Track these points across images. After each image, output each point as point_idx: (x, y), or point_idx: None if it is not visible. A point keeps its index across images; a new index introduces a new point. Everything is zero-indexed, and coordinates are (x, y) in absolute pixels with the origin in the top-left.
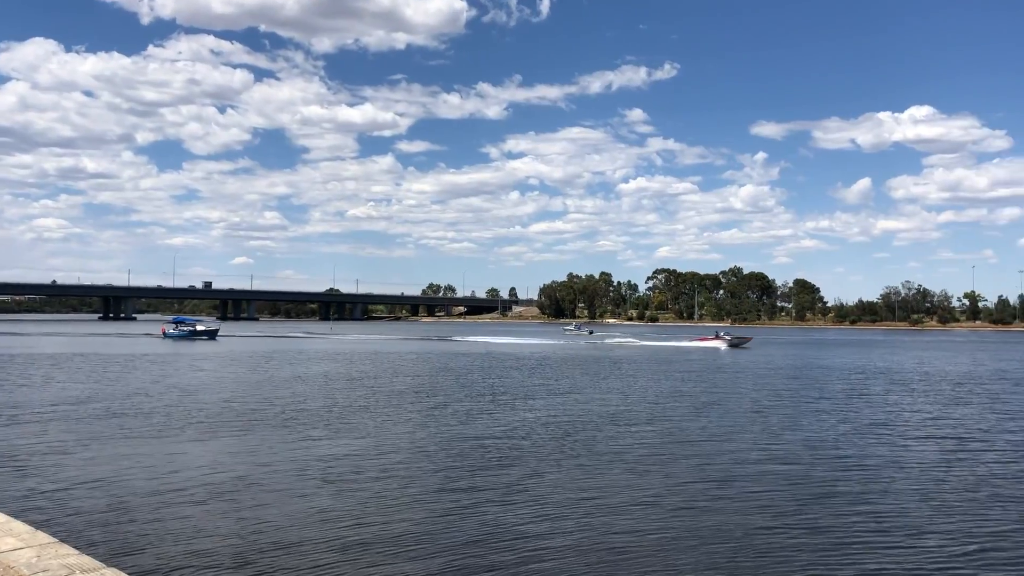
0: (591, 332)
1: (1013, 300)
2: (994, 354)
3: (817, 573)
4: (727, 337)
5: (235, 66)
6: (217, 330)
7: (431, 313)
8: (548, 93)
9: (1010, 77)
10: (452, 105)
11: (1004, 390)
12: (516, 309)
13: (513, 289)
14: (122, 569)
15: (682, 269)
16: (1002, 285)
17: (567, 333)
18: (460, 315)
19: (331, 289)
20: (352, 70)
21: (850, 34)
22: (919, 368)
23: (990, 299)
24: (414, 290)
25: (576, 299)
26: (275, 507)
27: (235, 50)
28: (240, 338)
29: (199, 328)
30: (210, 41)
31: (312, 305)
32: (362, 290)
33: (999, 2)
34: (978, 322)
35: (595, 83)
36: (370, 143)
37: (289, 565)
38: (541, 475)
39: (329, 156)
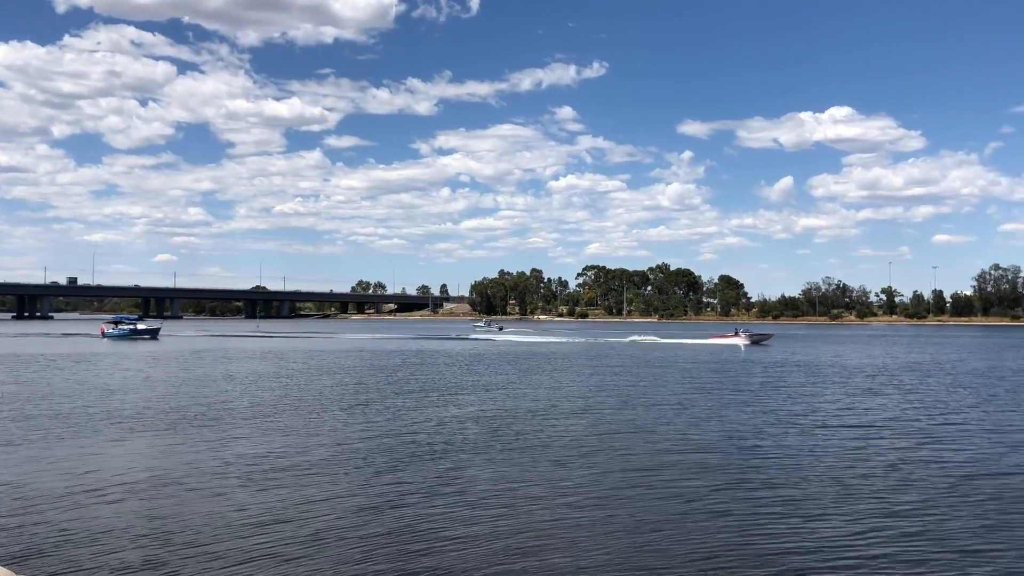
0: (500, 328)
1: (927, 295)
2: (906, 347)
3: (723, 555)
4: (746, 335)
5: (157, 58)
6: (159, 329)
7: (361, 311)
8: (478, 90)
9: (925, 79)
10: (381, 100)
11: (916, 381)
12: (447, 306)
13: (444, 286)
14: (25, 572)
15: (611, 266)
16: (917, 281)
17: (477, 330)
18: (391, 313)
19: (258, 287)
20: (279, 64)
21: (773, 35)
22: (843, 361)
23: (906, 294)
24: (343, 288)
25: (507, 296)
26: (192, 506)
27: (157, 42)
28: (185, 337)
29: (140, 327)
30: (131, 32)
31: (238, 303)
32: (290, 287)
33: (914, 6)
34: (894, 316)
35: (525, 80)
36: (298, 138)
37: (201, 566)
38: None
39: (255, 151)
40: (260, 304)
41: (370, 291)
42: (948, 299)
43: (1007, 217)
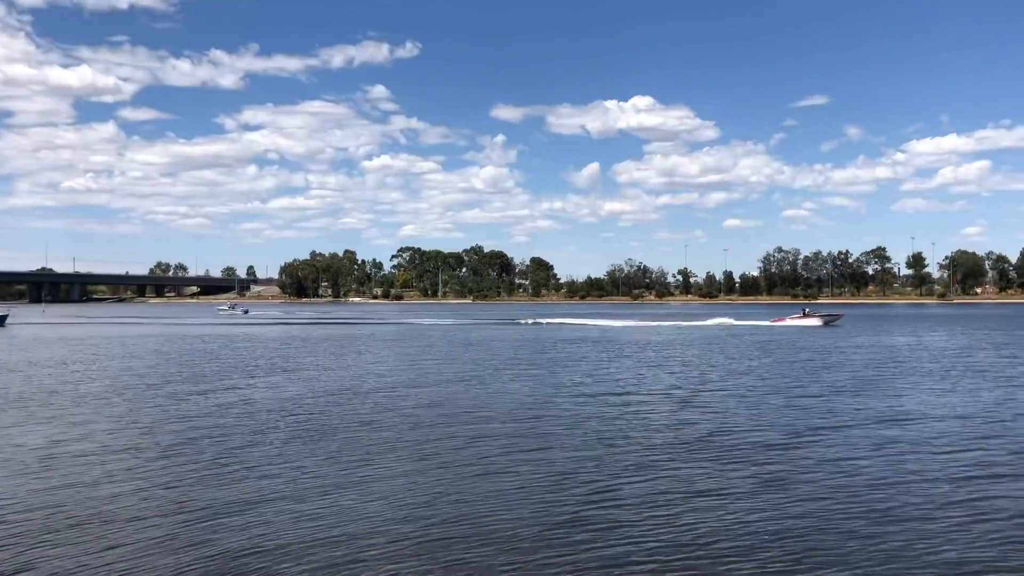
0: (246, 312)
1: (719, 276)
2: (700, 320)
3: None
4: (817, 315)
5: None
6: (6, 316)
7: (160, 294)
8: (288, 64)
9: (719, 72)
10: (182, 72)
11: (690, 354)
12: (255, 289)
13: (252, 268)
14: None
15: (427, 248)
16: (710, 262)
17: (220, 314)
18: (193, 296)
19: (43, 268)
20: (65, 28)
21: (582, 23)
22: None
23: (700, 275)
24: (140, 269)
25: (320, 278)
26: None
27: None
28: (42, 325)
29: None
30: None
31: (20, 286)
32: (80, 269)
33: (711, 2)
34: (689, 296)
35: (337, 57)
36: (88, 109)
37: None
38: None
39: (40, 121)
40: (46, 287)
41: (170, 273)
42: (737, 279)
43: (789, 204)
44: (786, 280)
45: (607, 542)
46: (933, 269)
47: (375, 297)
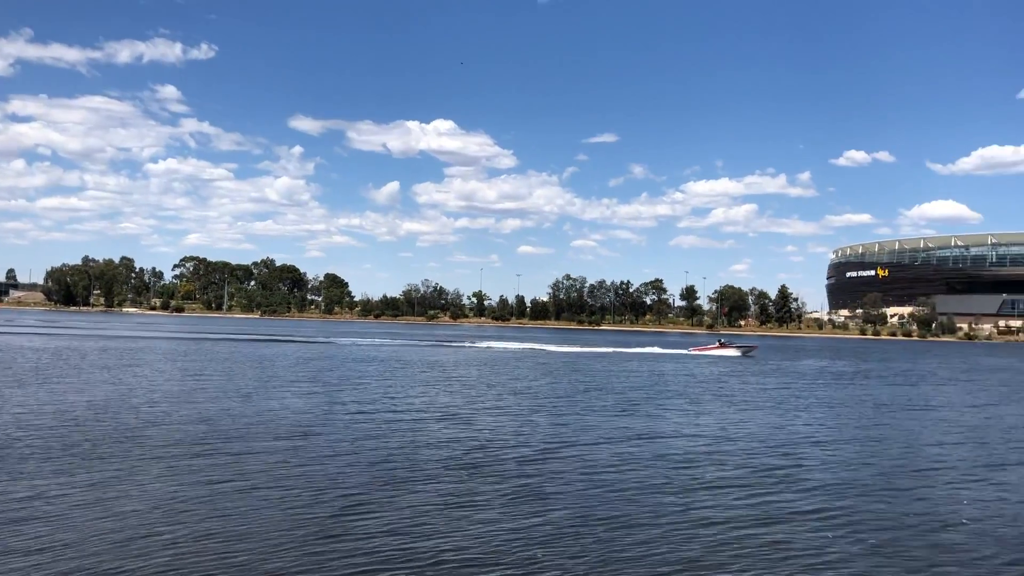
0: None
1: (512, 299)
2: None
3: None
4: (732, 346)
5: None
6: None
7: None
8: (66, 55)
9: (519, 103)
10: None
11: (470, 373)
12: (15, 294)
13: (12, 271)
14: None
15: (213, 258)
16: (504, 286)
17: None
18: None
19: None
20: None
21: (387, 41)
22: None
23: (494, 298)
24: None
25: (92, 285)
26: None
27: None
28: None
29: None
30: None
31: None
32: None
33: (512, 33)
34: (483, 318)
35: (124, 51)
36: None
37: None
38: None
39: None
40: None
41: None
42: (529, 304)
43: (579, 234)
44: (573, 306)
45: (358, 554)
46: (704, 301)
47: (153, 308)
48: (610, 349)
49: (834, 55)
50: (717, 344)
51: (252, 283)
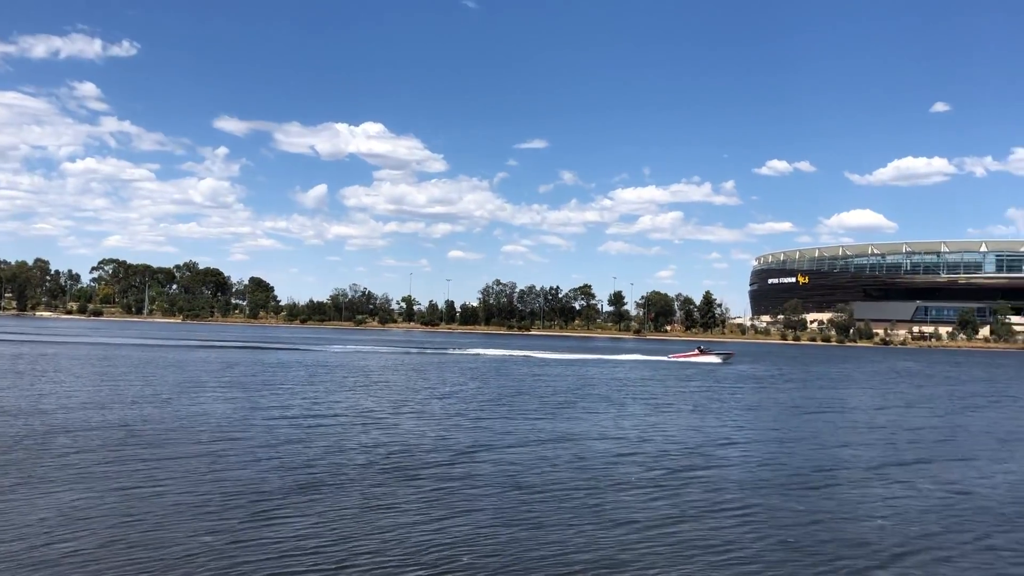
0: None
1: (441, 304)
2: (414, 349)
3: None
4: (711, 352)
5: None
6: None
7: None
8: None
9: (450, 107)
10: None
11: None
12: None
13: None
14: None
15: (134, 261)
16: (433, 291)
17: None
18: None
19: None
20: None
21: (314, 42)
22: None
23: (423, 303)
24: None
25: (3, 288)
26: None
27: None
28: None
29: None
30: None
31: None
32: None
33: (443, 37)
34: (412, 323)
35: (39, 46)
36: None
37: None
38: None
39: None
40: None
41: None
42: (459, 309)
43: (509, 239)
44: (503, 312)
45: (268, 559)
46: (631, 307)
47: (69, 312)
48: (593, 356)
49: (758, 66)
50: (696, 351)
51: (174, 287)
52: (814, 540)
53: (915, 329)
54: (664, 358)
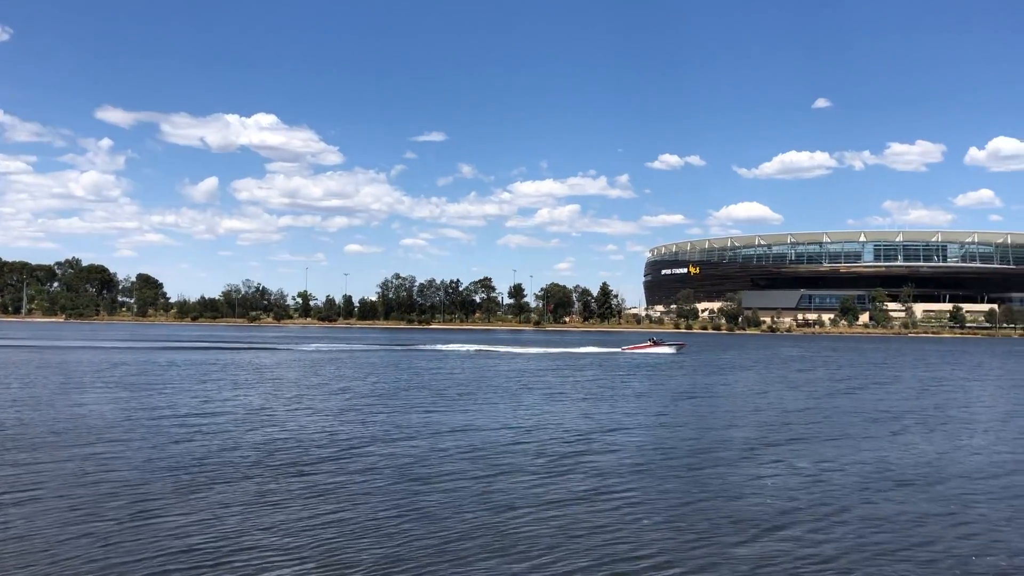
0: None
1: (339, 299)
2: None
3: None
4: (664, 343)
5: None
6: None
7: None
8: None
9: (345, 98)
10: None
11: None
12: None
13: None
14: None
15: (10, 258)
16: (331, 286)
17: None
18: None
19: None
20: None
21: (204, 28)
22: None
23: (320, 298)
24: None
25: None
26: None
27: None
28: None
29: None
30: None
31: None
32: None
33: (340, 22)
34: (309, 319)
35: None
36: None
37: None
38: None
39: None
40: None
41: None
42: (357, 304)
43: (408, 233)
44: (403, 306)
45: (144, 558)
46: (531, 299)
47: None
48: (557, 350)
49: (650, 63)
50: (650, 343)
51: (55, 284)
52: (698, 518)
53: (800, 316)
54: (617, 350)
